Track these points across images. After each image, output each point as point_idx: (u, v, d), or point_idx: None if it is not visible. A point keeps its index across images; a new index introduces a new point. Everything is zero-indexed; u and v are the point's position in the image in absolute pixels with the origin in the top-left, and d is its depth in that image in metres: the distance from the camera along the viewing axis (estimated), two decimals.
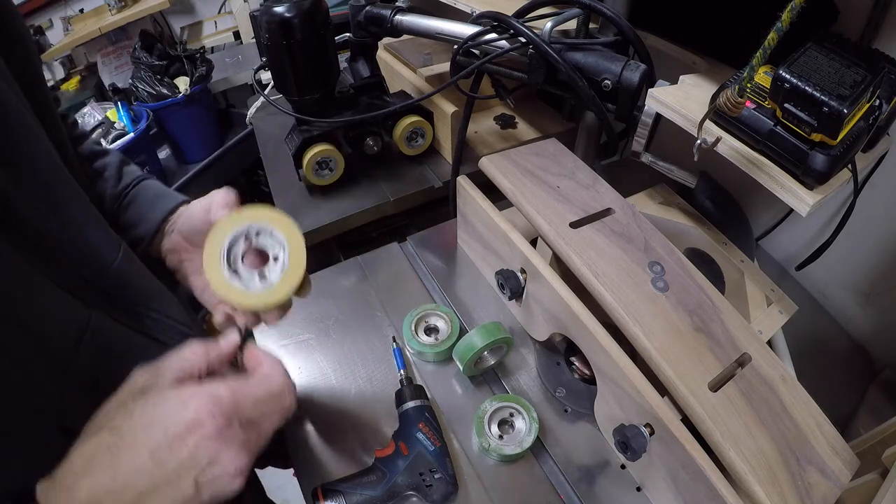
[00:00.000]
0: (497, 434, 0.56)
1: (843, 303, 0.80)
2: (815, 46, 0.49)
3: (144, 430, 0.31)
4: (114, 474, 0.30)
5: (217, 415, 0.31)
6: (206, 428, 0.31)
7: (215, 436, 0.31)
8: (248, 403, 0.33)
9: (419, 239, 0.82)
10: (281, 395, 0.35)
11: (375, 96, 0.92)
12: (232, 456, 0.31)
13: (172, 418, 0.31)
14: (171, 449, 0.30)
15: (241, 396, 0.33)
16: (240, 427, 0.32)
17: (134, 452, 0.30)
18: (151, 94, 1.79)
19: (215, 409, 0.31)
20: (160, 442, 0.30)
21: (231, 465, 0.31)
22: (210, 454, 0.31)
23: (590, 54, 0.62)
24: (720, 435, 0.44)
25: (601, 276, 0.54)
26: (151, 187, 0.55)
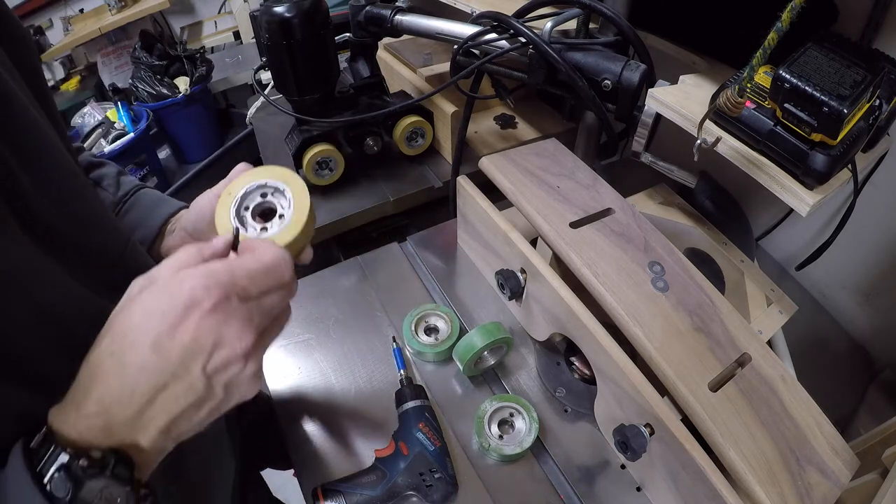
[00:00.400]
0: (497, 434, 0.56)
1: (843, 303, 0.80)
2: (815, 46, 0.49)
3: (143, 323, 0.29)
4: (120, 379, 0.28)
5: (213, 288, 0.30)
6: (204, 305, 0.29)
7: (214, 311, 0.29)
8: (244, 276, 0.31)
9: (419, 239, 0.82)
10: (277, 267, 0.33)
11: (375, 96, 0.92)
12: (236, 332, 0.30)
13: (169, 302, 0.29)
14: (171, 336, 0.29)
15: (235, 269, 0.31)
16: (239, 301, 0.31)
17: (136, 350, 0.29)
18: (151, 94, 1.79)
19: (210, 283, 0.30)
20: (160, 331, 0.29)
21: (237, 343, 0.30)
22: (213, 334, 0.29)
23: (590, 54, 0.62)
24: (720, 435, 0.44)
25: (601, 276, 0.54)
26: (150, 195, 0.55)
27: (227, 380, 0.31)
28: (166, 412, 0.29)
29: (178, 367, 0.29)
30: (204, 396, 0.30)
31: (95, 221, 0.41)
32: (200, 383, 0.30)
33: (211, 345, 0.29)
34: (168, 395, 0.29)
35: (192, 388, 0.29)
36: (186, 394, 0.29)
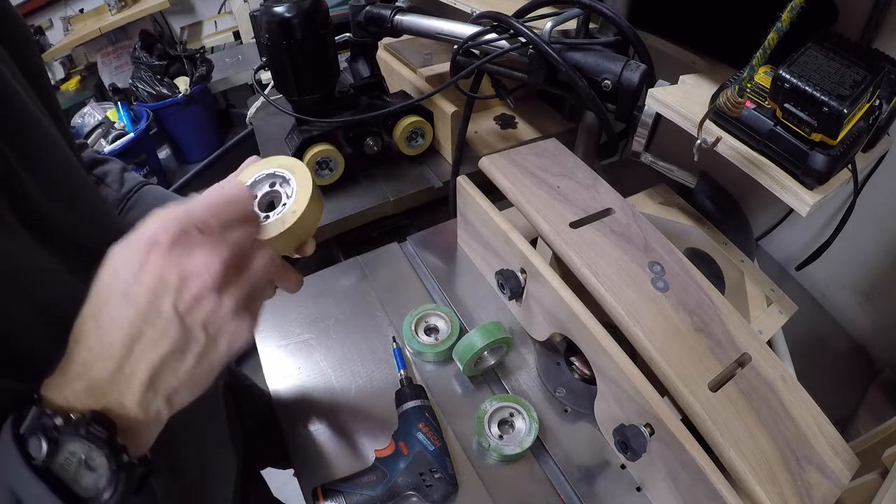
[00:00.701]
0: (497, 434, 0.56)
1: (843, 303, 0.80)
2: (815, 46, 0.49)
3: (111, 277, 0.29)
4: (97, 336, 0.28)
5: (169, 225, 0.29)
6: (162, 241, 0.28)
7: (173, 245, 0.28)
8: (200, 209, 0.30)
9: (419, 239, 0.82)
10: (237, 200, 0.32)
11: (375, 96, 0.92)
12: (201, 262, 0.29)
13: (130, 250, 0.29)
14: (137, 281, 0.28)
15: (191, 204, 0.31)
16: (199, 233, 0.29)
17: (108, 305, 0.28)
18: (151, 94, 1.79)
19: (166, 221, 0.29)
20: (126, 279, 0.28)
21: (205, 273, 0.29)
22: (176, 268, 0.28)
23: (590, 54, 0.62)
24: (720, 435, 0.44)
25: (601, 276, 0.54)
26: (154, 191, 0.54)
27: (204, 318, 0.29)
28: (146, 362, 0.28)
29: (148, 311, 0.28)
30: (183, 339, 0.29)
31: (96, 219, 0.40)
32: (174, 324, 0.28)
33: (176, 279, 0.28)
34: (145, 343, 0.28)
35: (167, 330, 0.28)
36: (163, 338, 0.28)
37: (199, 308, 0.29)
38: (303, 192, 0.39)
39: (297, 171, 0.41)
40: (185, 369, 0.29)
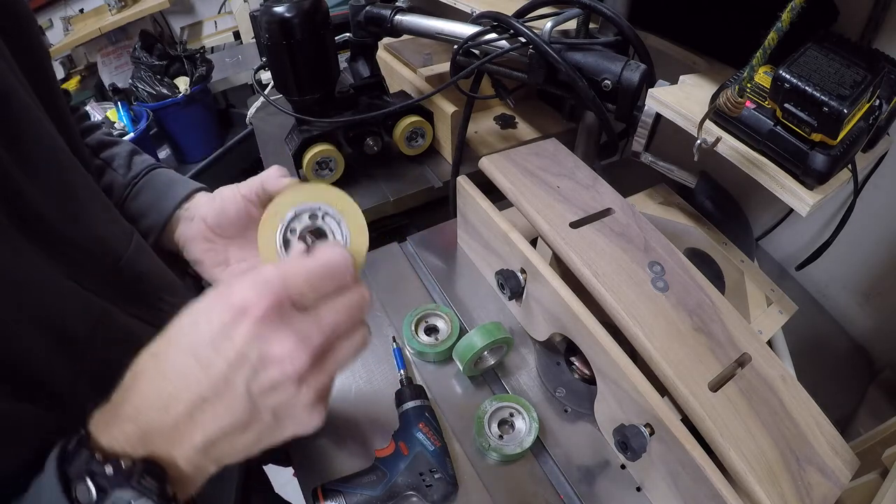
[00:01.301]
0: (497, 434, 0.56)
1: (843, 303, 0.80)
2: (815, 46, 0.49)
3: (189, 328, 0.27)
4: (158, 384, 0.26)
5: (264, 294, 0.26)
6: (253, 311, 0.26)
7: (264, 319, 0.26)
8: (300, 278, 0.28)
9: (419, 239, 0.82)
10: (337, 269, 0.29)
11: (375, 96, 0.92)
12: (288, 349, 0.26)
13: (217, 308, 0.26)
14: (215, 347, 0.26)
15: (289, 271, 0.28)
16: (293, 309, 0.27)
17: (177, 356, 0.26)
18: (151, 94, 1.79)
19: (262, 290, 0.26)
20: (204, 338, 0.26)
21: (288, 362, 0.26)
22: (260, 345, 0.26)
23: (590, 54, 0.62)
24: (720, 435, 0.44)
25: (601, 276, 0.54)
26: (163, 175, 0.51)
27: (277, 404, 0.27)
28: (203, 430, 0.27)
29: (220, 381, 0.26)
30: (248, 419, 0.27)
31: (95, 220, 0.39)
32: (243, 403, 0.26)
33: (257, 359, 0.26)
34: (207, 412, 0.26)
35: (233, 407, 0.26)
36: (227, 413, 0.26)
37: (274, 394, 0.27)
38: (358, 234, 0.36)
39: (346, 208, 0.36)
40: (242, 443, 0.28)
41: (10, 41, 0.35)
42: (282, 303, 0.27)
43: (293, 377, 0.27)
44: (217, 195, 0.45)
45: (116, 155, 0.50)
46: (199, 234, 0.45)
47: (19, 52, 0.36)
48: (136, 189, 0.49)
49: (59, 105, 0.41)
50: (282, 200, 0.36)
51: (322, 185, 0.37)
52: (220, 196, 0.44)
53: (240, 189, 0.42)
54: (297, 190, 0.36)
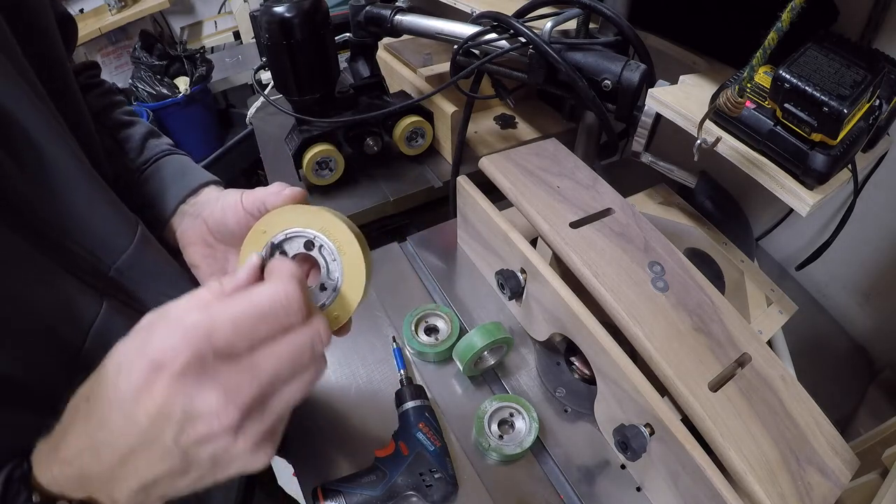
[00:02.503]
0: (497, 434, 0.56)
1: (843, 303, 0.80)
2: (815, 46, 0.49)
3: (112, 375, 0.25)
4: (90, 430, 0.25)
5: (182, 349, 0.24)
6: (169, 368, 0.24)
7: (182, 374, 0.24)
8: (225, 326, 0.25)
9: (419, 239, 0.82)
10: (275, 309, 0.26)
11: (375, 96, 0.92)
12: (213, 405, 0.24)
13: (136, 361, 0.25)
14: (136, 401, 0.24)
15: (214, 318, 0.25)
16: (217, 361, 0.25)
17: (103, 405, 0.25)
18: (151, 94, 1.79)
19: (179, 343, 0.24)
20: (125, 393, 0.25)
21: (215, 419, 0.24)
22: (182, 401, 0.24)
23: (590, 54, 0.62)
24: (720, 435, 0.44)
25: (601, 276, 0.54)
26: (174, 164, 0.48)
27: (212, 454, 0.25)
28: (137, 476, 0.25)
29: (144, 436, 0.24)
30: (183, 466, 0.25)
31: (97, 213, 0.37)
32: (175, 454, 0.25)
33: (181, 415, 0.24)
34: (139, 460, 0.25)
35: (165, 458, 0.25)
36: (160, 462, 0.25)
37: (207, 446, 0.25)
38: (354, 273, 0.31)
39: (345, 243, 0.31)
40: (183, 485, 0.27)
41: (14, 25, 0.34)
42: (202, 356, 0.24)
43: (224, 431, 0.25)
44: (220, 199, 0.42)
45: (130, 136, 0.48)
46: (200, 236, 0.43)
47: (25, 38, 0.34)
48: (145, 175, 0.47)
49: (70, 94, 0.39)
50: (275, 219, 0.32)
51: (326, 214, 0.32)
52: (223, 203, 0.41)
53: (243, 200, 0.39)
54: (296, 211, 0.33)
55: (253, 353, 0.26)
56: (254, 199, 0.38)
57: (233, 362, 0.25)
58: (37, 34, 0.37)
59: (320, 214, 0.32)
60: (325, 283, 0.32)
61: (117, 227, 0.39)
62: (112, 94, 0.52)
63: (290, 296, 0.27)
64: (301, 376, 0.28)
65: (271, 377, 0.26)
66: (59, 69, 0.39)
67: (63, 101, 0.37)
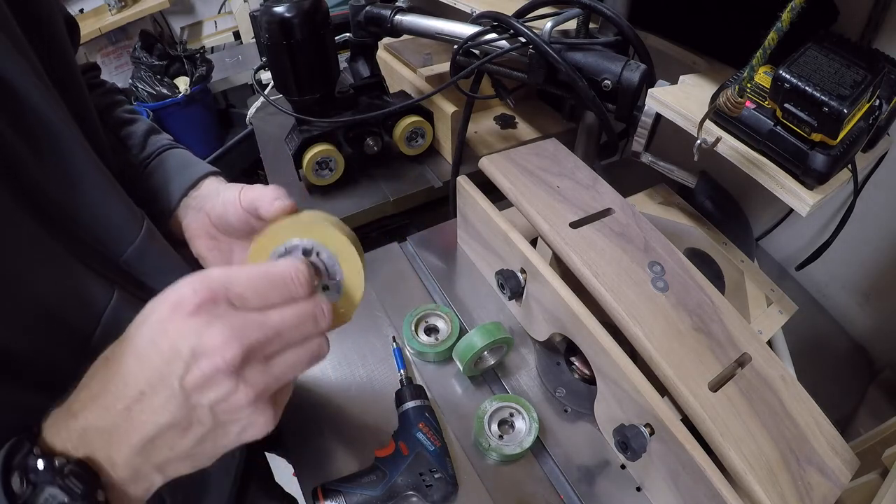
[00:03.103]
0: (497, 434, 0.56)
1: (843, 303, 0.80)
2: (815, 46, 0.49)
3: (134, 329, 0.27)
4: (104, 382, 0.26)
5: (200, 290, 0.26)
6: (186, 306, 0.25)
7: (196, 313, 0.25)
8: (242, 280, 0.27)
9: (419, 239, 0.82)
10: (285, 279, 0.28)
11: (375, 96, 0.92)
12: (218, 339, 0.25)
13: (157, 306, 0.26)
14: (153, 342, 0.26)
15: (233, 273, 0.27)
16: (229, 307, 0.27)
17: (123, 357, 0.26)
18: (151, 94, 1.79)
19: (199, 286, 0.26)
20: (144, 337, 0.26)
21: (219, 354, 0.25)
22: (190, 338, 0.25)
23: (590, 54, 0.62)
24: (720, 435, 0.44)
25: (601, 276, 0.54)
26: (175, 158, 0.49)
27: (213, 402, 0.26)
28: (141, 429, 0.26)
29: (154, 376, 0.25)
30: (184, 418, 0.26)
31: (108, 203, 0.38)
32: (176, 399, 0.26)
33: (188, 353, 0.25)
34: (144, 408, 0.26)
35: (167, 404, 0.26)
36: (163, 409, 0.26)
37: (208, 390, 0.26)
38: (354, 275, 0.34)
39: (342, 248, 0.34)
40: (182, 446, 0.27)
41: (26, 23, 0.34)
42: (216, 298, 0.26)
43: (225, 370, 0.26)
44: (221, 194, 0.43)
45: (133, 133, 0.49)
46: (204, 229, 0.44)
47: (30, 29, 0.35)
48: (147, 170, 0.48)
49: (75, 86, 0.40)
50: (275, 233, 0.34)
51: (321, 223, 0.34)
52: (223, 198, 0.42)
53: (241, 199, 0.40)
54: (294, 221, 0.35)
55: (262, 310, 0.28)
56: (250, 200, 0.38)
57: (243, 312, 0.27)
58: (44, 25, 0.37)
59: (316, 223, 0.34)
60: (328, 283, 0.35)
61: (125, 219, 0.39)
62: (113, 93, 0.53)
63: (299, 270, 0.29)
64: (304, 345, 0.29)
65: (276, 331, 0.28)
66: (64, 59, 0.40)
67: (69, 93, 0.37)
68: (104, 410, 0.26)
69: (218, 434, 0.28)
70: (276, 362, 0.28)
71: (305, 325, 0.29)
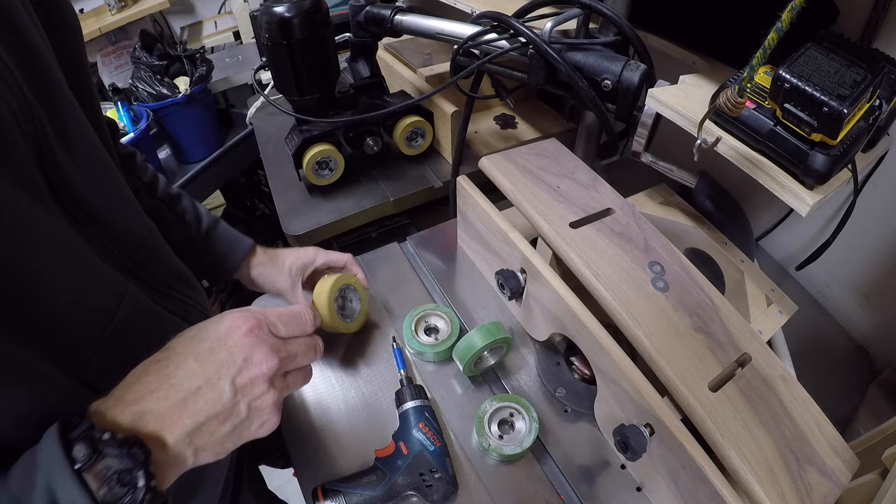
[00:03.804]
0: (497, 434, 0.56)
1: (843, 303, 0.80)
2: (815, 46, 0.49)
3: (188, 343, 0.34)
4: (161, 378, 0.32)
5: (249, 318, 0.36)
6: (241, 328, 0.35)
7: (248, 333, 0.35)
8: (274, 315, 0.38)
9: (419, 239, 0.82)
10: (301, 316, 0.40)
11: (375, 96, 0.92)
12: (263, 354, 0.35)
13: (213, 329, 0.35)
14: (212, 351, 0.34)
15: (267, 310, 0.39)
16: (268, 333, 0.37)
17: (181, 359, 0.33)
18: (151, 94, 1.79)
19: (248, 315, 0.36)
20: (203, 347, 0.34)
21: (263, 364, 0.35)
22: (244, 351, 0.35)
23: (590, 54, 0.62)
24: (720, 435, 0.44)
25: (601, 276, 0.54)
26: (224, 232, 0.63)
27: (251, 398, 0.35)
28: (194, 414, 0.32)
29: (212, 376, 0.33)
30: (229, 409, 0.33)
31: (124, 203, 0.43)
32: (228, 394, 0.33)
33: (242, 360, 0.34)
34: (199, 399, 0.32)
35: (220, 397, 0.33)
36: (215, 402, 0.33)
37: (251, 389, 0.35)
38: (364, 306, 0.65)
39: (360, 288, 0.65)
40: (220, 433, 0.34)
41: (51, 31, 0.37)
42: (261, 325, 0.36)
43: (264, 377, 0.35)
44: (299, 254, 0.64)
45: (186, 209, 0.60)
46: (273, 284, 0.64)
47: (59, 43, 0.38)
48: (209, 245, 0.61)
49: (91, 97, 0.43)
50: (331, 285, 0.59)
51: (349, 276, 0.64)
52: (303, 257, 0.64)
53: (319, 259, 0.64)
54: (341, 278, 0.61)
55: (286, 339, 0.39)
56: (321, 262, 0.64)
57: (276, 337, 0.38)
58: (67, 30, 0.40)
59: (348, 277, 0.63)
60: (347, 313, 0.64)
61: (137, 220, 0.45)
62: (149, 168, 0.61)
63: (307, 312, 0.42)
64: (304, 368, 0.41)
65: (294, 354, 0.39)
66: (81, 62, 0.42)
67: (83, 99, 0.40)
68: (162, 399, 0.32)
69: (244, 425, 0.35)
70: (289, 377, 0.39)
71: (309, 352, 0.40)
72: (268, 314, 0.38)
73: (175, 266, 0.49)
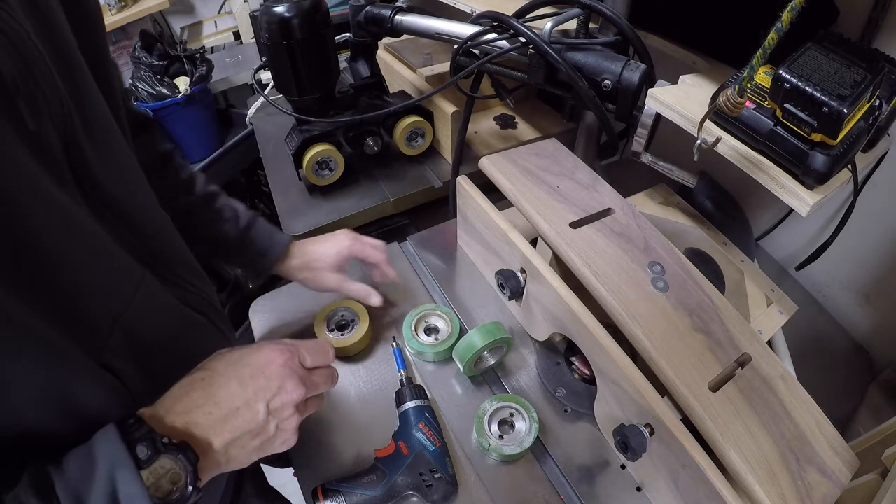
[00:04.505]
0: (497, 434, 0.56)
1: (843, 303, 0.80)
2: (815, 46, 0.49)
3: (233, 366, 0.39)
4: (206, 396, 0.37)
5: (285, 351, 0.41)
6: (278, 360, 0.40)
7: (284, 364, 0.40)
8: (304, 348, 0.43)
9: (419, 239, 0.82)
10: (326, 350, 0.46)
11: (375, 96, 0.92)
12: (294, 384, 0.40)
13: (254, 357, 0.40)
14: (252, 377, 0.39)
15: (298, 343, 0.44)
16: (299, 363, 0.42)
17: (224, 380, 0.38)
18: (151, 94, 1.79)
19: (283, 348, 0.42)
20: (245, 373, 0.39)
21: (294, 392, 0.40)
22: (279, 380, 0.40)
23: (590, 54, 0.62)
24: (720, 435, 0.44)
25: (601, 276, 0.54)
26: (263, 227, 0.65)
27: (280, 420, 0.40)
28: (233, 429, 0.37)
29: (251, 398, 0.38)
30: (261, 427, 0.38)
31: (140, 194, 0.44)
32: (262, 415, 0.38)
33: (277, 387, 0.40)
34: (238, 417, 0.37)
35: (256, 416, 0.38)
36: (251, 420, 0.38)
37: (281, 412, 0.40)
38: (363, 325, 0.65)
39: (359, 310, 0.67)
40: (251, 447, 0.38)
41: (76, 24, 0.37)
42: (294, 357, 0.42)
43: (292, 403, 0.40)
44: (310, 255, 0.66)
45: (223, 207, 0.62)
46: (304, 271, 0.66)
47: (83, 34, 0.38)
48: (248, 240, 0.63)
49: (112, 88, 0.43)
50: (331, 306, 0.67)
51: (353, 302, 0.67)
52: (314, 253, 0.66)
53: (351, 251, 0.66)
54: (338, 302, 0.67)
55: (311, 370, 0.44)
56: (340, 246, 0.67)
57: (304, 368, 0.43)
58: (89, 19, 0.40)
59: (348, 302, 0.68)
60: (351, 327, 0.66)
61: (154, 209, 0.46)
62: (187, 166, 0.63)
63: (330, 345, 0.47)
64: (321, 396, 0.46)
65: (316, 384, 0.44)
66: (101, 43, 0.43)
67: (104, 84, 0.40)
68: (208, 415, 0.36)
69: (270, 442, 0.40)
70: (309, 402, 0.44)
71: (328, 382, 0.45)
72: (298, 346, 0.43)
73: (188, 259, 0.50)
